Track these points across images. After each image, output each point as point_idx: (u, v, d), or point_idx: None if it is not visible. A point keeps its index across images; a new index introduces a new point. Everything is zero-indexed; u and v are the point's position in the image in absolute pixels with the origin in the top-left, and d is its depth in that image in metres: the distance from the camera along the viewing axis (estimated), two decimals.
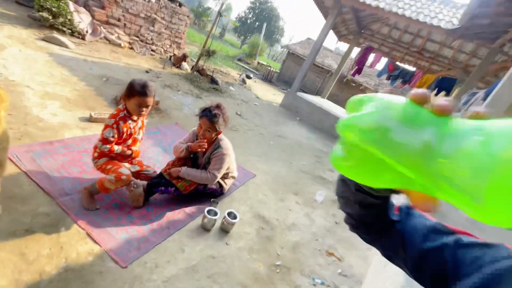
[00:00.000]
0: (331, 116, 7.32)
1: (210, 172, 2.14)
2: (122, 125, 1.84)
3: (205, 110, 2.09)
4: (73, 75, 3.76)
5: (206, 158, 2.25)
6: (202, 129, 2.09)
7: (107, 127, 1.79)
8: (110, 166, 1.84)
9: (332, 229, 2.78)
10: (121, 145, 1.92)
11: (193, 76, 6.60)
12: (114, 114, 1.83)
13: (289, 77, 15.61)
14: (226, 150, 2.20)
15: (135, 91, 1.78)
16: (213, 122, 2.05)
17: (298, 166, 4.06)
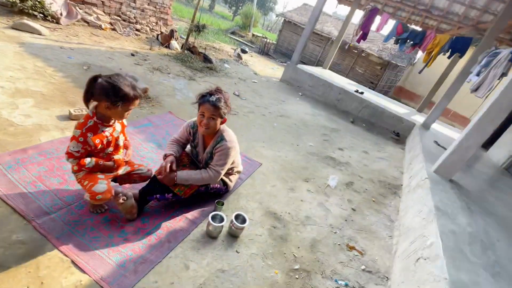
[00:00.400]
0: (335, 88, 6.87)
1: (213, 169, 1.85)
2: (91, 137, 1.48)
3: (205, 95, 1.76)
4: (48, 65, 3.35)
5: (208, 153, 1.95)
6: (205, 117, 1.74)
7: (72, 139, 1.46)
8: (86, 182, 1.54)
9: (350, 218, 2.55)
10: (100, 155, 1.61)
11: (184, 55, 6.08)
12: (80, 124, 1.47)
13: (287, 48, 14.77)
14: (231, 142, 1.90)
15: (127, 96, 1.44)
16: (217, 107, 1.72)
17: (305, 148, 3.77)
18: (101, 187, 1.52)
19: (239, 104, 4.61)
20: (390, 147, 5.07)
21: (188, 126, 2.00)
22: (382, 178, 3.64)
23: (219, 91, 1.80)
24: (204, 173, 1.83)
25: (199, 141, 1.99)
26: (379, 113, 6.40)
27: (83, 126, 1.46)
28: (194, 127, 1.99)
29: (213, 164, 1.87)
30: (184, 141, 2.04)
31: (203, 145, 2.00)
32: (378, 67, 12.60)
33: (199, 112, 1.77)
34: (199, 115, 1.78)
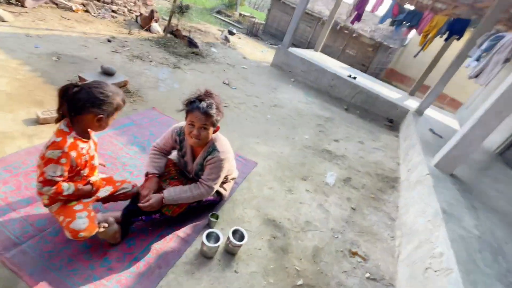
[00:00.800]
0: (328, 73, 6.64)
1: (204, 184, 1.65)
2: (75, 156, 1.25)
3: (194, 101, 1.50)
4: (12, 58, 2.95)
5: (198, 164, 1.73)
6: (195, 128, 1.51)
7: (49, 162, 1.19)
8: (62, 217, 1.30)
9: (350, 219, 2.45)
10: (75, 179, 1.36)
11: (167, 39, 5.63)
12: (58, 142, 1.19)
13: (276, 29, 14.19)
14: (224, 153, 1.67)
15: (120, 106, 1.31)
16: (209, 115, 1.48)
17: (301, 141, 3.60)
18: (81, 222, 1.28)
19: (229, 94, 4.34)
20: (384, 135, 4.98)
21: (173, 133, 1.74)
22: (379, 171, 3.55)
23: (209, 95, 1.55)
24: (195, 189, 1.63)
25: (187, 150, 1.75)
26: (372, 99, 6.26)
27: (63, 144, 1.20)
28: (180, 134, 1.74)
29: (204, 179, 1.67)
30: (169, 149, 1.81)
31: (192, 155, 1.77)
32: (370, 49, 12.35)
33: (188, 121, 1.53)
34: (187, 125, 1.53)
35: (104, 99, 1.23)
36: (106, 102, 1.24)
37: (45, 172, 1.19)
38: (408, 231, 2.30)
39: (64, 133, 1.24)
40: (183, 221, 1.79)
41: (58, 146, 1.19)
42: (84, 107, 1.22)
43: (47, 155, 1.19)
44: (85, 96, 1.21)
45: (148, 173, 1.65)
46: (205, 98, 1.50)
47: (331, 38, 12.82)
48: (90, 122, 1.27)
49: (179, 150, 1.79)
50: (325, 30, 8.73)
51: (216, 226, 1.87)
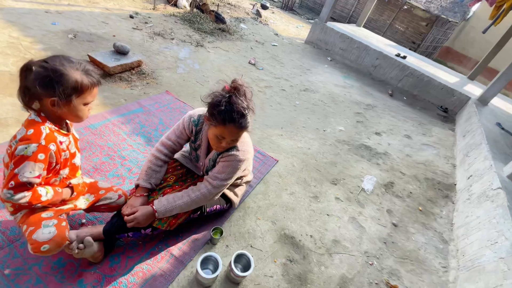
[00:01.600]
0: (371, 51, 5.75)
1: (209, 181, 1.32)
2: (54, 150, 1.00)
3: (224, 106, 1.10)
4: (25, 36, 2.81)
5: (211, 160, 1.40)
6: (225, 140, 1.19)
7: (23, 161, 0.93)
8: (25, 226, 1.04)
9: (390, 239, 1.96)
10: (53, 181, 1.10)
11: (193, 15, 5.23)
12: (31, 135, 0.93)
13: (314, 2, 12.92)
14: (244, 153, 1.32)
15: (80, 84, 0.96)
16: (243, 128, 1.17)
17: (334, 134, 3.07)
18: (46, 232, 1.02)
19: (254, 76, 3.88)
20: (437, 128, 4.18)
21: (189, 122, 1.38)
22: (430, 174, 2.92)
23: (238, 90, 1.13)
24: (194, 192, 1.30)
25: (203, 142, 1.41)
26: (424, 83, 5.31)
27: (38, 136, 0.94)
28: (198, 124, 1.38)
29: (211, 176, 1.33)
30: (183, 143, 1.47)
31: (207, 148, 1.43)
32: (424, 23, 10.65)
33: (216, 133, 1.17)
34: (215, 136, 1.19)
35: (51, 75, 0.90)
36: (55, 80, 0.91)
37: (18, 174, 0.94)
38: (468, 263, 1.77)
39: (36, 123, 0.97)
40: (180, 234, 1.49)
41: (31, 139, 0.93)
42: (31, 89, 0.92)
43: (18, 152, 0.93)
44: (35, 75, 0.90)
45: (139, 186, 1.34)
46: (237, 103, 1.11)
47: (377, 11, 11.29)
48: (51, 108, 0.97)
49: (193, 142, 1.45)
50: (371, 1, 7.58)
51: (220, 243, 1.54)
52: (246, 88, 1.16)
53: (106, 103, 2.28)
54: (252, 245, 1.59)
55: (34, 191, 1.00)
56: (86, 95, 1.00)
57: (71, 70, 0.94)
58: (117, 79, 2.62)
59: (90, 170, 1.69)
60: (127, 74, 2.72)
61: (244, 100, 1.14)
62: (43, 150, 0.96)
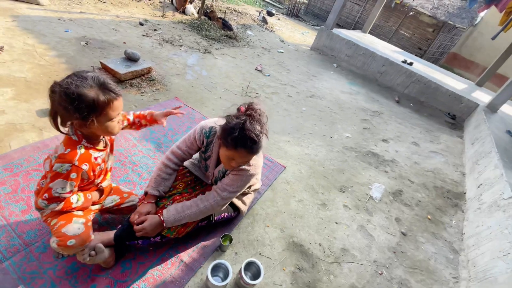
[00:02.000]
0: (377, 58, 5.76)
1: (218, 192, 1.32)
2: (87, 169, 1.05)
3: (237, 133, 1.09)
4: (40, 43, 2.89)
5: (221, 172, 1.41)
6: (235, 161, 1.20)
7: (57, 177, 0.99)
8: (54, 220, 1.09)
9: (399, 248, 1.94)
10: (87, 188, 1.18)
11: (200, 22, 5.32)
12: (66, 154, 0.98)
13: (320, 8, 13.03)
14: (255, 168, 1.32)
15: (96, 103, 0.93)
16: (254, 153, 1.17)
17: (341, 141, 3.07)
18: (76, 227, 1.07)
19: (261, 82, 3.91)
20: (445, 136, 4.15)
21: (201, 133, 1.38)
22: (438, 182, 2.89)
23: (251, 116, 1.12)
24: (202, 202, 1.31)
25: (213, 154, 1.42)
26: (431, 90, 5.29)
27: (72, 157, 0.99)
28: (209, 136, 1.38)
29: (220, 187, 1.33)
30: (193, 153, 1.49)
31: (217, 160, 1.44)
32: (430, 29, 10.64)
33: (227, 154, 1.17)
34: (226, 157, 1.19)
35: (67, 98, 0.89)
36: (71, 102, 0.89)
37: (52, 188, 1.00)
38: (480, 274, 1.74)
39: (73, 143, 1.01)
40: (190, 241, 1.50)
41: (66, 159, 0.99)
42: (62, 112, 0.94)
43: (55, 169, 0.99)
44: (57, 99, 0.91)
45: (148, 193, 1.36)
46: (250, 128, 1.09)
47: (382, 17, 11.32)
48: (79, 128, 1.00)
49: (203, 152, 1.47)
50: (377, 8, 7.61)
51: (229, 250, 1.55)
52: (261, 113, 1.16)
53: None
54: (261, 252, 1.59)
55: (67, 200, 1.06)
56: (107, 112, 0.97)
57: (85, 89, 0.90)
58: (127, 85, 2.67)
59: None
60: (137, 81, 2.77)
61: (258, 125, 1.12)
62: (75, 170, 1.01)
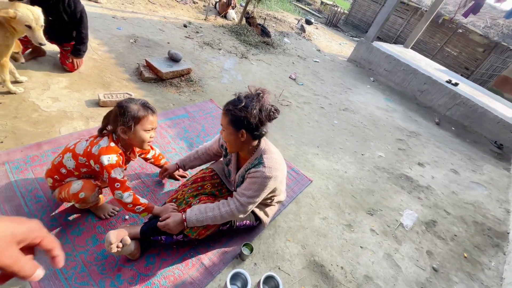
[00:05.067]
0: (419, 75, 5.47)
1: (236, 199, 1.33)
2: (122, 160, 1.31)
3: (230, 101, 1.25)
4: (95, 38, 3.13)
5: (240, 176, 1.42)
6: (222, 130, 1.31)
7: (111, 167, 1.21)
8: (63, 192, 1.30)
9: (429, 285, 1.80)
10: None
11: (240, 27, 5.43)
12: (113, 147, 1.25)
13: (360, 20, 12.72)
14: (271, 170, 1.29)
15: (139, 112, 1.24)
16: (226, 114, 1.23)
17: (372, 159, 2.94)
18: (74, 185, 1.27)
19: (293, 91, 3.89)
20: (489, 166, 3.80)
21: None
22: (479, 217, 2.64)
23: (258, 96, 1.19)
24: (224, 206, 1.32)
25: (232, 158, 1.48)
26: (477, 115, 4.89)
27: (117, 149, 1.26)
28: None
29: (239, 193, 1.34)
30: (212, 154, 1.64)
31: (237, 164, 1.47)
32: (480, 49, 9.89)
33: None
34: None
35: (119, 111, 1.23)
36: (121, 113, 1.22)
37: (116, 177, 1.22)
38: None
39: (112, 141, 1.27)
40: (211, 244, 1.52)
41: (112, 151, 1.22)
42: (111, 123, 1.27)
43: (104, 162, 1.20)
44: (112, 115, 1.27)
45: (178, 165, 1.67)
46: (243, 99, 1.19)
47: (427, 33, 10.74)
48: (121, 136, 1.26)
49: (224, 157, 1.55)
50: (423, 22, 7.24)
51: (248, 260, 1.54)
52: (267, 94, 1.21)
53: (156, 106, 2.43)
54: (280, 267, 1.56)
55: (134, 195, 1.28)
56: (143, 122, 1.25)
57: (131, 104, 1.22)
58: (167, 84, 2.80)
59: (137, 168, 1.81)
60: (177, 80, 2.89)
61: (257, 104, 1.17)
62: (120, 159, 1.25)
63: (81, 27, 2.29)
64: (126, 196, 1.25)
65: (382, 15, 5.80)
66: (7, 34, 1.73)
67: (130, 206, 1.27)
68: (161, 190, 1.76)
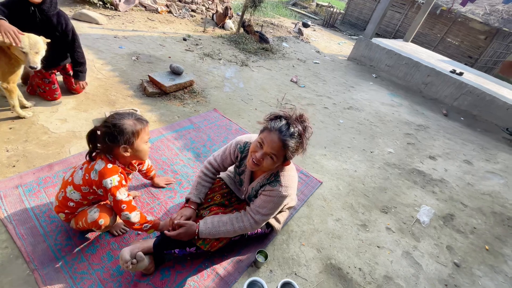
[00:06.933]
0: (422, 68, 5.41)
1: (251, 216, 1.32)
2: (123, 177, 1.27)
3: (278, 118, 1.15)
4: (98, 58, 3.22)
5: (254, 190, 1.40)
6: (262, 150, 1.16)
7: (116, 189, 1.19)
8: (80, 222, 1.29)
9: (452, 281, 1.73)
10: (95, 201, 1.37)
11: (239, 36, 5.50)
12: (111, 168, 1.20)
13: (357, 18, 12.74)
14: (287, 189, 1.27)
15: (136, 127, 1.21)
16: (286, 146, 1.11)
17: (382, 156, 2.89)
18: (91, 213, 1.26)
19: (296, 94, 3.89)
20: (503, 154, 3.69)
21: (235, 148, 1.44)
22: (497, 207, 2.56)
23: (302, 121, 1.15)
24: (237, 221, 1.31)
25: (247, 170, 1.44)
26: (486, 103, 4.79)
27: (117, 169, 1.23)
28: (243, 151, 1.42)
29: (253, 209, 1.32)
30: (227, 166, 1.55)
31: (251, 176, 1.45)
32: (482, 37, 9.74)
33: (259, 138, 1.18)
34: (256, 142, 1.19)
35: (115, 132, 1.16)
36: (118, 133, 1.16)
37: (122, 198, 1.20)
38: None
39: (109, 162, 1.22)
40: (225, 253, 1.50)
41: (112, 172, 1.19)
42: (106, 145, 1.19)
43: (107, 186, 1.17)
44: (102, 136, 1.19)
45: (190, 200, 1.44)
46: (294, 123, 1.13)
47: (426, 25, 10.66)
48: (122, 154, 1.22)
49: (238, 167, 1.51)
50: (421, 15, 7.21)
51: (264, 267, 1.52)
52: (308, 125, 1.17)
53: (162, 120, 2.47)
54: (297, 273, 1.53)
55: (141, 213, 1.27)
56: (142, 135, 1.24)
57: (124, 121, 1.18)
58: (171, 97, 2.84)
59: (147, 182, 1.82)
60: (180, 93, 2.93)
61: (301, 128, 1.13)
62: (122, 178, 1.23)
63: (75, 45, 2.25)
64: (134, 215, 1.22)
65: (379, 12, 5.80)
66: (12, 61, 1.80)
67: (137, 226, 1.25)
68: (172, 202, 1.76)
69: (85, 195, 1.24)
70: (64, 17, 2.10)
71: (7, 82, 1.85)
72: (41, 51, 1.83)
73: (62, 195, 1.25)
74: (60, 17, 2.07)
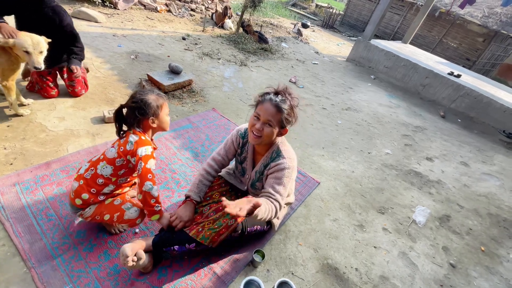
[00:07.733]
0: (420, 70, 5.44)
1: (273, 200, 1.31)
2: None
3: (268, 93, 1.28)
4: (97, 56, 3.21)
5: (258, 172, 1.44)
6: (260, 121, 1.25)
7: (147, 158, 1.24)
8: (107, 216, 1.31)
9: (447, 282, 1.75)
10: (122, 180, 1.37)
11: (238, 36, 5.51)
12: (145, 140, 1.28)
13: (356, 19, 12.77)
14: (291, 161, 1.36)
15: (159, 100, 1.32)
16: (279, 110, 1.22)
17: (380, 157, 2.91)
18: (132, 211, 1.33)
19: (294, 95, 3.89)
20: (500, 156, 3.72)
21: (237, 134, 1.52)
22: (493, 209, 2.58)
23: (287, 92, 1.28)
24: (269, 204, 1.29)
25: (248, 155, 1.48)
26: (483, 105, 4.82)
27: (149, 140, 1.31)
28: (244, 136, 1.50)
29: (271, 193, 1.32)
30: (231, 157, 1.57)
31: (253, 160, 1.49)
32: (480, 39, 9.80)
33: (255, 113, 1.28)
34: (253, 117, 1.29)
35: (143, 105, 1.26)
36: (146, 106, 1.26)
37: (150, 167, 1.23)
38: None
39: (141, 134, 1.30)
40: (223, 252, 1.51)
41: (146, 143, 1.27)
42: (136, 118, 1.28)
43: (141, 153, 1.23)
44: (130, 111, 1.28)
45: (190, 197, 1.46)
46: (281, 92, 1.27)
47: (425, 27, 10.71)
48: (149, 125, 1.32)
49: (239, 155, 1.55)
50: (419, 17, 7.25)
51: (261, 267, 1.52)
52: (294, 97, 1.29)
53: None
54: (294, 272, 1.54)
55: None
56: (164, 108, 1.35)
57: (148, 96, 1.28)
58: (170, 96, 2.84)
59: None
60: (179, 92, 2.93)
61: (289, 97, 1.25)
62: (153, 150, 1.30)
63: (76, 41, 2.20)
64: (155, 189, 1.24)
65: (378, 13, 5.83)
66: (12, 59, 1.80)
67: (153, 201, 1.25)
68: (169, 201, 1.76)
69: (117, 169, 1.27)
70: (61, 11, 2.05)
71: (6, 79, 1.84)
72: (44, 51, 1.83)
73: (92, 173, 1.27)
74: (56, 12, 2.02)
